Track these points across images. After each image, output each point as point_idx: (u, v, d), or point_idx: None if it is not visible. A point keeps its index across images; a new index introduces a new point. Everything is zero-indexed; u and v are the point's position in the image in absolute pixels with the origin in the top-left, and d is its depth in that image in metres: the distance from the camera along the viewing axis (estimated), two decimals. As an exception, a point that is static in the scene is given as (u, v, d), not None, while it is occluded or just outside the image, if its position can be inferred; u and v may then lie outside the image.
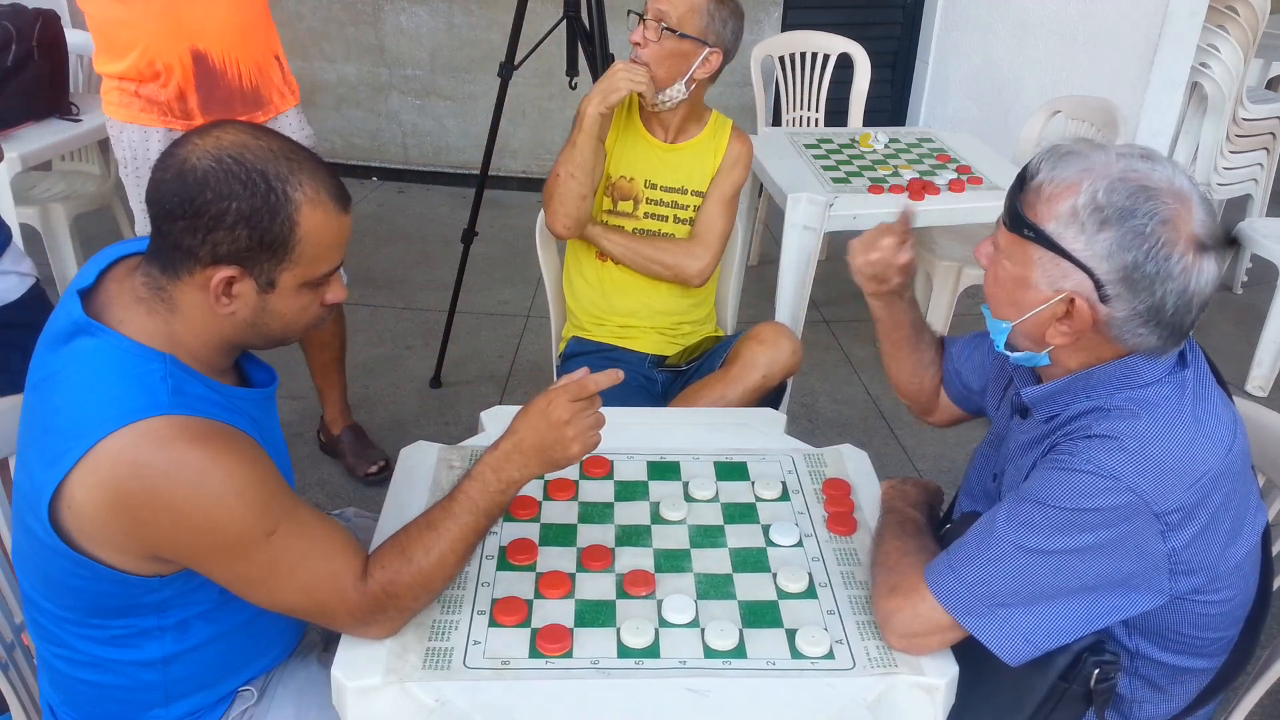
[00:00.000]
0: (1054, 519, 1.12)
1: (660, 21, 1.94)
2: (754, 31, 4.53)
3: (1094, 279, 1.11)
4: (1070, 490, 1.11)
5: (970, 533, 1.19)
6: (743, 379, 1.95)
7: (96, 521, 1.06)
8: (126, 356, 1.09)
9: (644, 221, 2.13)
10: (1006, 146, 3.38)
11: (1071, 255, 1.11)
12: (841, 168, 2.86)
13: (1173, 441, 1.12)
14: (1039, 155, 1.17)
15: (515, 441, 1.21)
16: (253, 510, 1.08)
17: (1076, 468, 1.12)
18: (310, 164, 1.12)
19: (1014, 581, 1.14)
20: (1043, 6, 3.90)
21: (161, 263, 1.11)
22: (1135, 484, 1.09)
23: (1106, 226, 1.09)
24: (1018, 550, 1.14)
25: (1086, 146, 1.14)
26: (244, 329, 1.15)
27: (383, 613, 1.17)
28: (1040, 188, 1.14)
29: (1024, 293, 1.17)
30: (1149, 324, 1.11)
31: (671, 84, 2.00)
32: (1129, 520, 1.10)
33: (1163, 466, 1.10)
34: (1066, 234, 1.11)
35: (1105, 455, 1.11)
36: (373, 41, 4.60)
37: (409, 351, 3.35)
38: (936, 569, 1.20)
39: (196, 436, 1.06)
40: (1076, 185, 1.11)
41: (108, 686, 1.21)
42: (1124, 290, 1.10)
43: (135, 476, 1.03)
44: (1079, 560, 1.12)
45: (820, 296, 3.76)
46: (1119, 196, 1.09)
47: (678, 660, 1.19)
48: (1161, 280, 1.08)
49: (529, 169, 4.77)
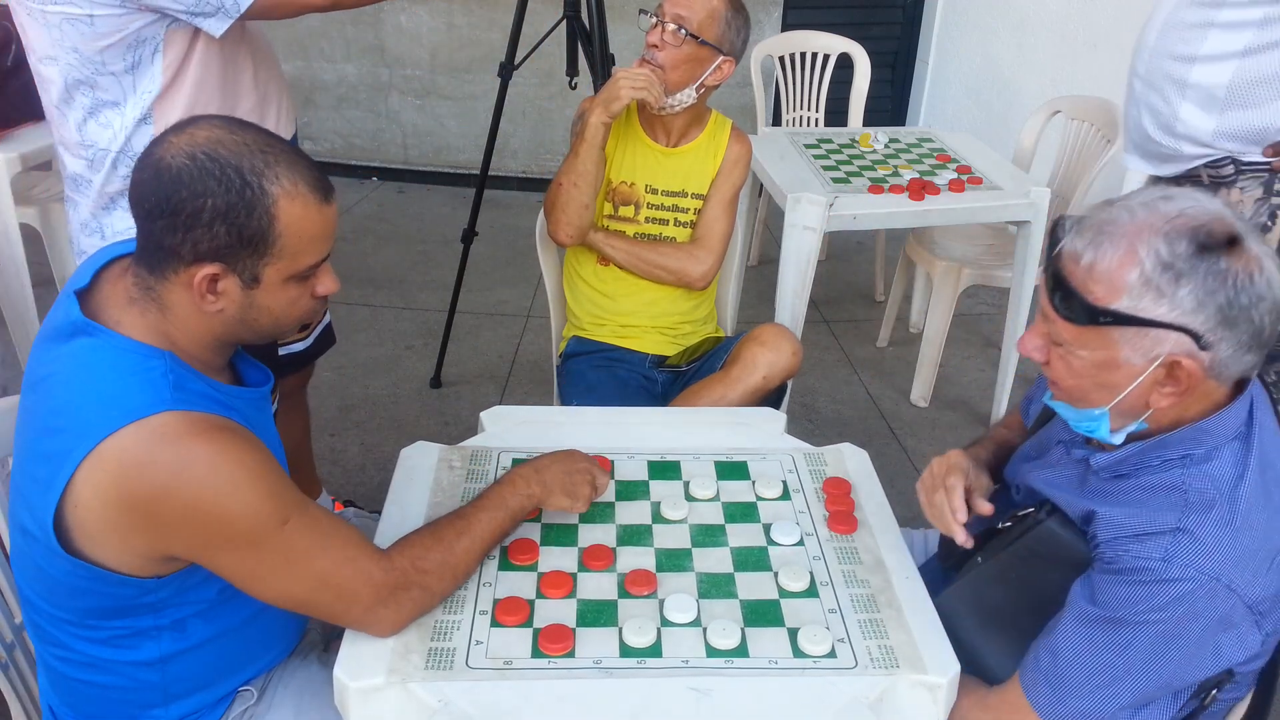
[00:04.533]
0: (1154, 632, 1.09)
1: (679, 25, 1.94)
2: (754, 31, 4.50)
3: (1191, 334, 1.05)
4: (1164, 598, 1.08)
5: (1066, 653, 1.14)
6: (743, 380, 1.95)
7: (103, 520, 1.06)
8: (127, 355, 1.09)
9: (645, 226, 2.13)
10: (1006, 146, 3.38)
11: (1159, 322, 1.05)
12: (841, 168, 2.86)
13: (1253, 527, 1.08)
14: (1065, 234, 1.11)
15: (542, 465, 1.37)
16: (266, 500, 1.08)
17: (1167, 576, 1.07)
18: (288, 156, 1.11)
19: (1124, 698, 1.12)
20: (1043, 6, 3.90)
21: (148, 263, 1.11)
22: (1232, 581, 1.07)
23: (1183, 280, 1.04)
24: (1126, 672, 1.11)
25: (1105, 213, 1.10)
26: (233, 325, 1.15)
27: (405, 591, 1.17)
28: (1092, 269, 1.08)
29: (1114, 374, 1.10)
30: (1252, 349, 1.07)
31: (683, 89, 2.00)
32: (1229, 613, 1.08)
33: (1248, 554, 1.07)
34: (1143, 304, 1.05)
35: (1192, 554, 1.07)
36: (373, 41, 4.59)
37: (409, 351, 3.35)
38: (1043, 697, 1.15)
39: (203, 431, 1.06)
40: (1133, 251, 1.05)
41: (106, 687, 1.21)
42: (1225, 331, 1.05)
43: (144, 473, 1.03)
44: (1182, 661, 1.10)
45: (820, 296, 3.76)
46: (1181, 245, 1.04)
47: (680, 660, 1.19)
48: (1255, 304, 1.04)
49: (529, 169, 4.77)
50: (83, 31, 1.53)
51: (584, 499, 1.38)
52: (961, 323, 3.29)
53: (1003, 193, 2.74)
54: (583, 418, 1.73)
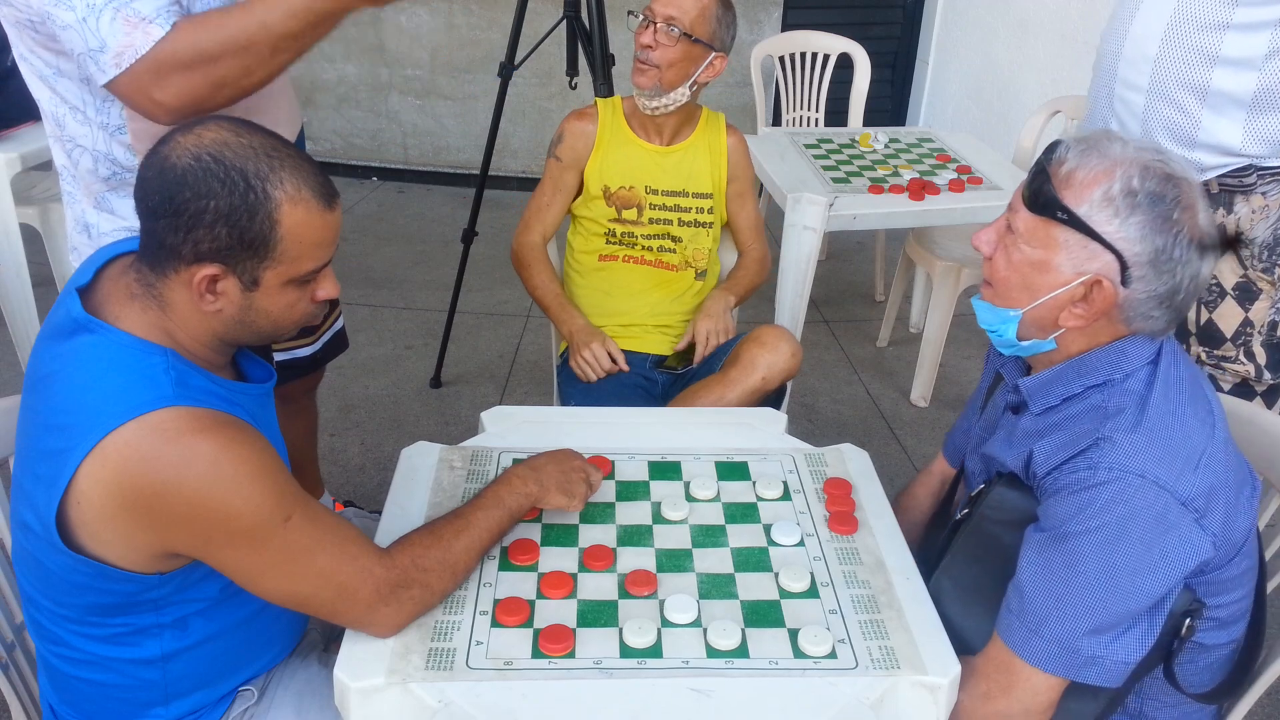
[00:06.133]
0: (1098, 539, 1.14)
1: (670, 24, 1.96)
2: (754, 31, 4.54)
3: (1122, 261, 1.15)
4: (1098, 502, 1.14)
5: (1027, 584, 1.19)
6: (741, 381, 1.95)
7: (105, 515, 1.06)
8: (128, 351, 1.10)
9: (650, 227, 2.14)
10: (1006, 146, 3.38)
11: (1104, 238, 1.15)
12: (841, 168, 2.87)
13: (1169, 428, 1.16)
14: (1063, 144, 1.21)
15: (538, 464, 1.37)
16: (269, 496, 1.08)
17: (1095, 481, 1.14)
18: (293, 160, 1.11)
19: (1088, 616, 1.15)
20: (1043, 6, 3.90)
21: (150, 260, 1.12)
22: (1158, 477, 1.13)
23: (1139, 211, 1.14)
24: (1083, 587, 1.15)
25: (1105, 138, 1.19)
26: (232, 326, 1.15)
27: (406, 589, 1.17)
28: (1072, 174, 1.17)
29: (1042, 276, 1.20)
30: (1162, 305, 1.17)
31: (677, 87, 2.02)
32: (1165, 511, 1.13)
33: (1168, 452, 1.14)
34: (1099, 217, 1.15)
35: (1114, 456, 1.14)
36: (373, 41, 4.60)
37: (409, 351, 3.36)
38: (1017, 635, 1.19)
39: (206, 427, 1.06)
40: (1110, 171, 1.15)
41: (107, 685, 1.21)
42: (1149, 272, 1.15)
43: (146, 469, 1.03)
44: (1133, 568, 1.14)
45: (820, 296, 3.77)
46: (1151, 183, 1.14)
47: (680, 660, 1.19)
48: (1183, 264, 1.14)
49: (529, 169, 4.77)
50: (33, 35, 1.48)
51: (580, 497, 1.38)
52: (961, 323, 3.29)
53: (1003, 193, 2.74)
54: (584, 418, 1.73)
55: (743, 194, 2.24)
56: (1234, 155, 1.75)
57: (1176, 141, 1.79)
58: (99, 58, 1.32)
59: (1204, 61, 1.73)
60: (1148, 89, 1.81)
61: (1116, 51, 1.86)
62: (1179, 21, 1.75)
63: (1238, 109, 1.73)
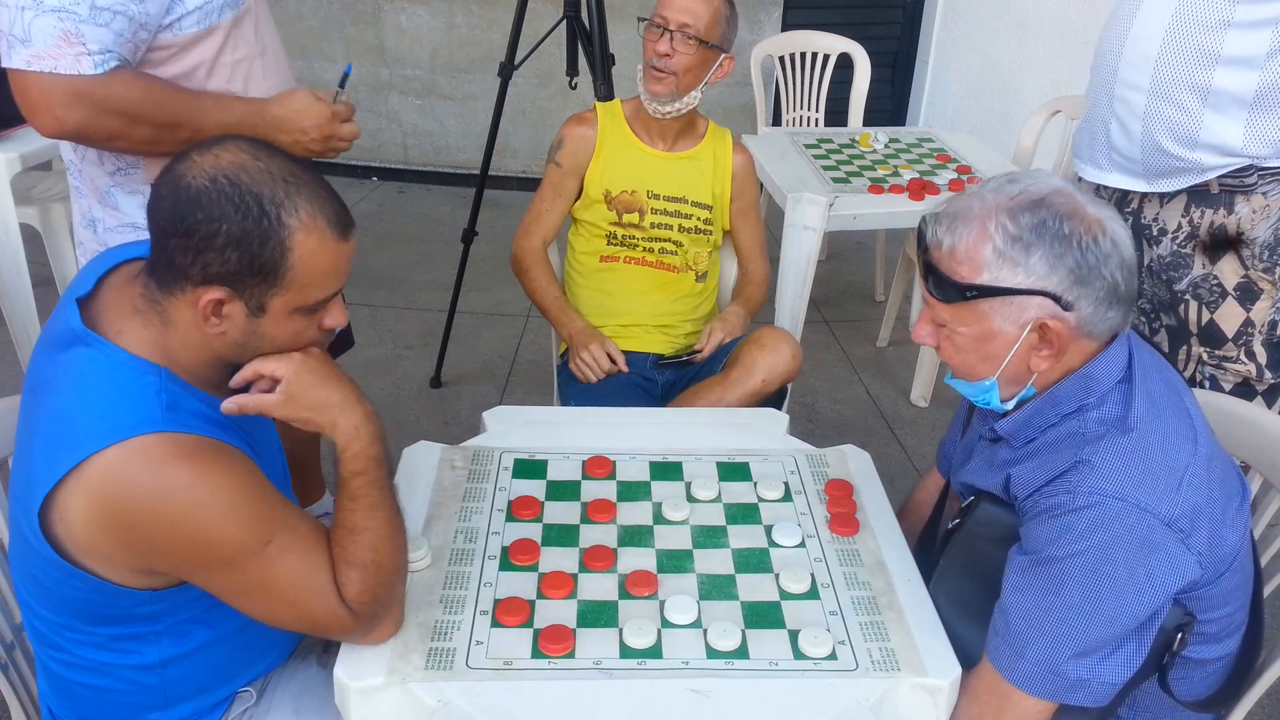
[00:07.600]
0: (1081, 563, 1.13)
1: (685, 31, 1.98)
2: (754, 31, 4.54)
3: (1051, 296, 1.16)
4: (1079, 527, 1.13)
5: (1012, 608, 1.19)
6: (741, 383, 1.95)
7: (87, 534, 1.06)
8: (122, 369, 1.09)
9: (651, 231, 2.14)
10: (1006, 146, 3.38)
11: (1020, 289, 1.17)
12: (841, 168, 2.86)
13: (1150, 448, 1.16)
14: (928, 227, 1.23)
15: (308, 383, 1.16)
16: (243, 526, 1.07)
17: (1076, 506, 1.14)
18: (310, 188, 1.09)
19: (1073, 641, 1.15)
20: (1043, 6, 3.89)
21: (158, 277, 1.11)
22: (1139, 500, 1.12)
23: (1033, 248, 1.16)
24: (1068, 611, 1.14)
25: (959, 201, 1.22)
26: (234, 349, 1.13)
27: (374, 619, 1.17)
28: (954, 251, 1.19)
29: (992, 344, 1.22)
30: (1112, 304, 1.18)
31: (691, 90, 2.06)
32: (1148, 534, 1.12)
33: (1149, 473, 1.14)
34: (1004, 274, 1.17)
35: (1094, 480, 1.14)
36: (373, 41, 4.59)
37: (409, 351, 3.35)
38: (1004, 658, 1.19)
39: (187, 455, 1.05)
40: (984, 229, 1.17)
41: (106, 690, 1.21)
42: (1080, 289, 1.16)
43: (127, 495, 1.03)
44: (1117, 592, 1.13)
45: (820, 296, 3.76)
46: (1026, 217, 1.16)
47: (680, 661, 1.19)
48: (1104, 262, 1.16)
49: (529, 169, 4.77)
50: None
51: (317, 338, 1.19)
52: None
53: (1003, 193, 2.73)
54: (585, 418, 1.73)
55: (746, 211, 2.25)
56: (1235, 155, 1.74)
57: (1178, 141, 1.78)
58: (15, 45, 1.36)
59: (1206, 61, 1.72)
60: (1149, 89, 1.79)
61: (1116, 51, 1.84)
62: (1180, 21, 1.74)
63: (1239, 108, 1.72)
